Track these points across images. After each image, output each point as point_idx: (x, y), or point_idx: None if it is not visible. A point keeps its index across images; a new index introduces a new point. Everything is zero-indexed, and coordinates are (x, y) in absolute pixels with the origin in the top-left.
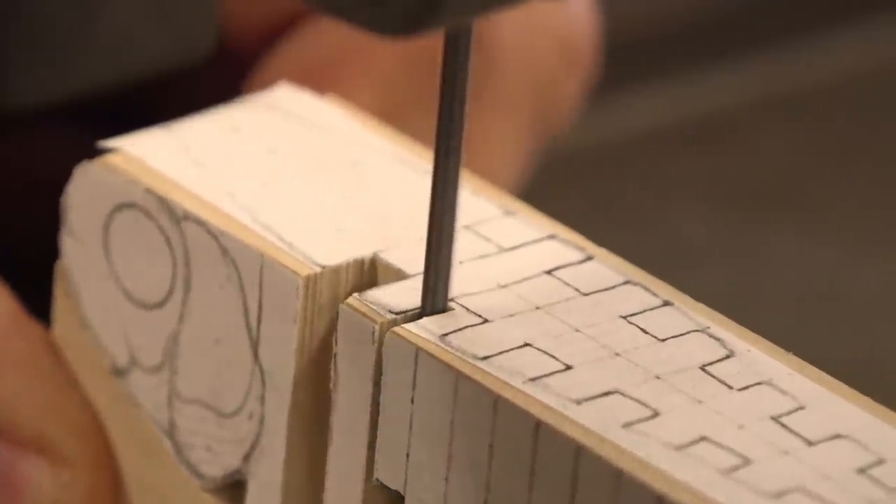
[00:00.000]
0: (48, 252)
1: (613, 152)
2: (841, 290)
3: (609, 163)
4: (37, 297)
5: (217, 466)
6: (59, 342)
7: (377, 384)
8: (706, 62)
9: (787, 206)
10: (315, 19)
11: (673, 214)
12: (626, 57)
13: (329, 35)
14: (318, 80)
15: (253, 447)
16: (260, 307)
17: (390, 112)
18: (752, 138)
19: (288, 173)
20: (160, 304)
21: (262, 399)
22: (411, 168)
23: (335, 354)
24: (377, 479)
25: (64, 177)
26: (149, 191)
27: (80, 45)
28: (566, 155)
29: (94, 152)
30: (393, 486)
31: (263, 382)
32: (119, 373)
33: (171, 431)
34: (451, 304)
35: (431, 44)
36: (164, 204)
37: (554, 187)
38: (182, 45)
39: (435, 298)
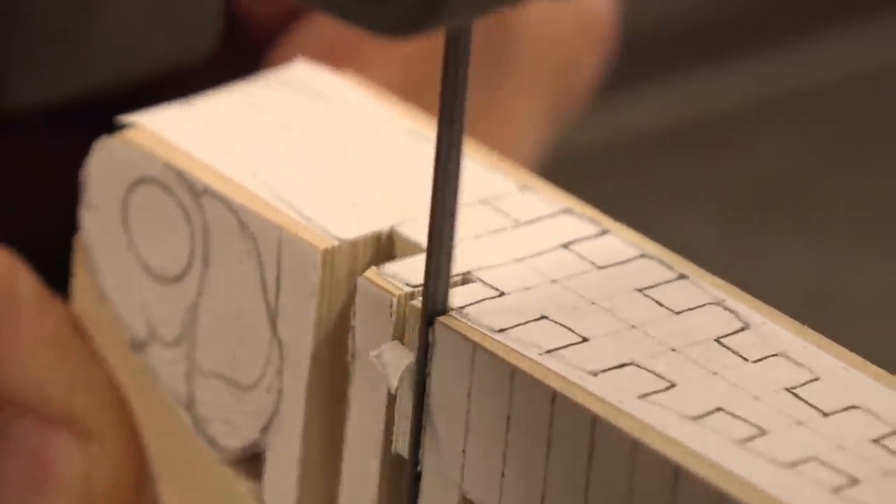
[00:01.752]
0: (50, 250)
1: (614, 153)
2: (841, 291)
3: (609, 163)
4: None
5: (235, 439)
6: (79, 315)
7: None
8: (707, 63)
9: (788, 207)
10: None
11: (673, 215)
12: (627, 58)
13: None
14: (337, 57)
15: (271, 420)
16: (278, 281)
17: (409, 89)
18: (752, 139)
19: (306, 148)
20: (179, 278)
21: (281, 372)
22: (428, 142)
23: (353, 327)
24: (395, 452)
25: (64, 176)
26: (168, 165)
27: (80, 45)
28: (567, 155)
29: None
30: (410, 459)
31: (282, 355)
32: (138, 346)
33: (189, 404)
34: (469, 276)
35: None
36: (183, 178)
37: (555, 187)
38: (182, 45)
39: (436, 296)
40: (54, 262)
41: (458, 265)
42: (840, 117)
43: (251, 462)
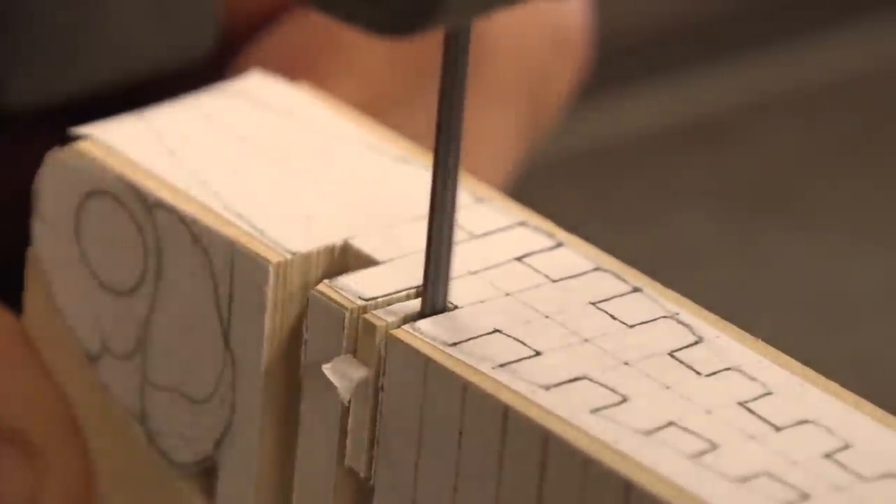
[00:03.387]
0: None
1: (613, 152)
2: (841, 290)
3: (609, 163)
4: None
5: (189, 453)
6: (30, 329)
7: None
8: (706, 62)
9: (788, 206)
10: (301, 10)
11: (673, 214)
12: (626, 57)
13: (312, 26)
14: (298, 69)
15: (224, 433)
16: (231, 294)
17: (371, 104)
18: (752, 138)
19: (259, 160)
20: (132, 291)
21: (234, 386)
22: (382, 155)
23: (305, 341)
24: (348, 466)
25: None
26: (120, 177)
27: (80, 45)
28: (566, 155)
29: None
30: (363, 473)
31: (234, 369)
32: (91, 360)
33: (143, 418)
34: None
35: (422, 40)
36: (136, 191)
37: (554, 187)
38: (182, 45)
39: (435, 296)
40: None
41: (412, 278)
42: (840, 117)
43: (205, 477)
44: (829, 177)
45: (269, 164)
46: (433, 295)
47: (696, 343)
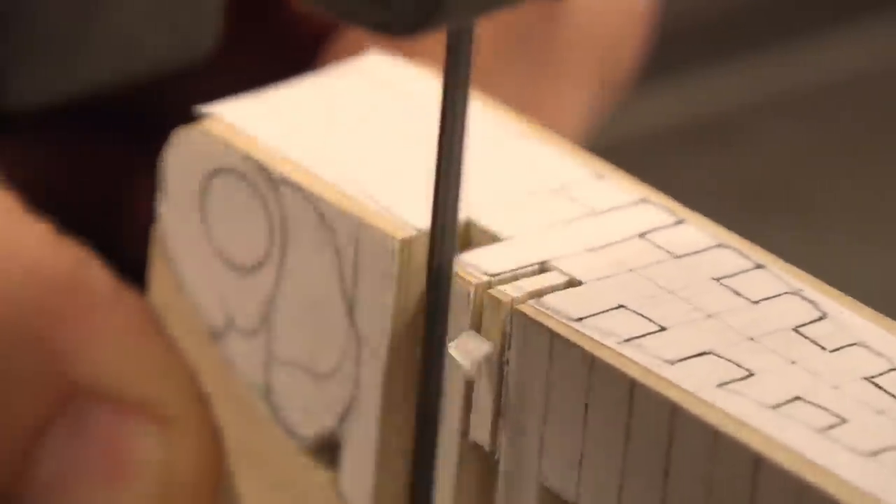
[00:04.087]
0: None
1: (614, 153)
2: (841, 290)
3: (610, 162)
4: None
5: (313, 427)
6: (155, 306)
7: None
8: (706, 62)
9: (788, 206)
10: None
11: None
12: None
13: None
14: (402, 47)
15: (348, 408)
16: (355, 270)
17: (477, 79)
18: (752, 138)
19: (382, 139)
20: (257, 268)
21: (358, 361)
22: (502, 131)
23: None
24: (473, 440)
25: (64, 177)
26: (245, 155)
27: (80, 45)
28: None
29: (96, 152)
30: (488, 447)
31: (359, 345)
32: (215, 335)
33: (267, 394)
34: (546, 265)
35: (512, 12)
36: (261, 168)
37: None
38: (182, 45)
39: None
40: None
41: (535, 254)
42: (841, 117)
43: (329, 451)
44: (829, 177)
45: (391, 142)
46: (438, 267)
47: (820, 319)
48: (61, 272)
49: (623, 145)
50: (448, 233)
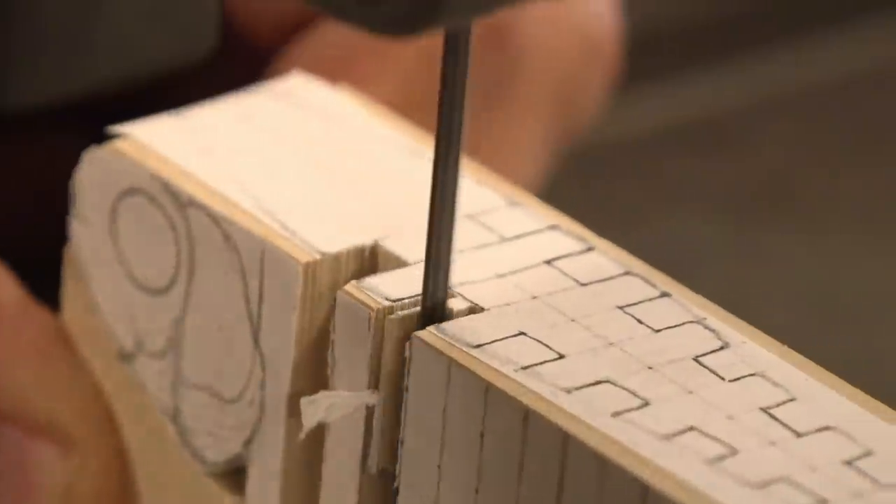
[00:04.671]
0: (49, 250)
1: (614, 153)
2: (841, 291)
3: (610, 164)
4: (38, 294)
5: (220, 451)
6: (68, 326)
7: (373, 371)
8: (705, 63)
9: (788, 207)
10: None
11: (672, 215)
12: (626, 58)
13: (349, 29)
14: (337, 72)
15: (254, 433)
16: (261, 293)
17: (409, 107)
18: (752, 138)
19: (295, 161)
20: (165, 290)
21: (263, 385)
22: (419, 157)
23: (332, 341)
24: (373, 467)
25: (64, 177)
26: (154, 176)
27: (80, 45)
28: (567, 156)
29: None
30: (388, 474)
31: (264, 368)
32: (126, 357)
33: (175, 416)
34: (450, 291)
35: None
36: (170, 189)
37: (555, 188)
38: (182, 45)
39: (435, 294)
40: (55, 263)
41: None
42: (840, 117)
43: (235, 475)
44: (829, 177)
45: (304, 164)
46: (433, 296)
47: (721, 348)
48: None
49: (621, 146)
50: (445, 240)
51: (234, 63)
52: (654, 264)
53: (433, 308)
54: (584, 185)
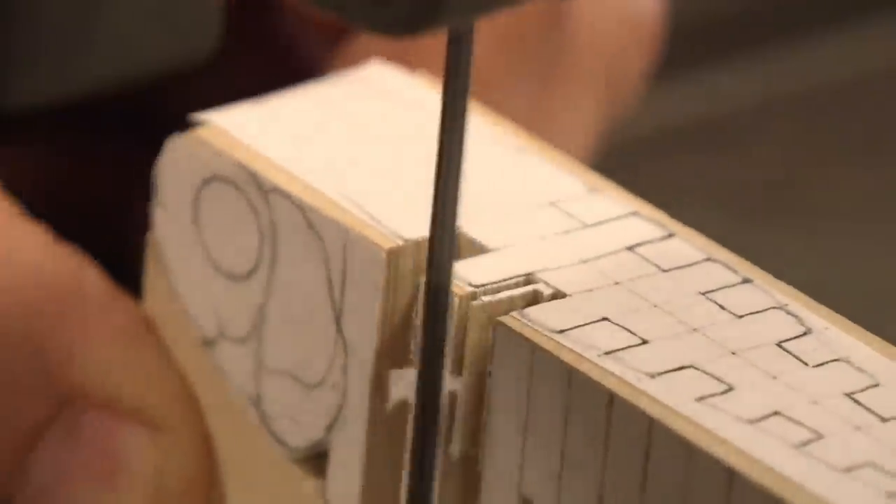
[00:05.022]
0: None
1: (615, 153)
2: (842, 291)
3: (609, 163)
4: None
5: (301, 437)
6: (150, 313)
7: (457, 357)
8: (707, 62)
9: (788, 206)
10: None
11: (673, 215)
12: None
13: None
14: (407, 58)
15: (336, 418)
16: (343, 280)
17: (480, 91)
18: (752, 138)
19: (376, 148)
20: (247, 276)
21: (345, 370)
22: (499, 144)
23: (416, 326)
24: (456, 451)
25: (64, 177)
26: (238, 163)
27: (80, 45)
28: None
29: (96, 152)
30: (471, 457)
31: (346, 354)
32: (207, 343)
33: (257, 402)
34: (532, 277)
35: (521, 24)
36: (253, 176)
37: None
38: (182, 45)
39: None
40: None
41: (522, 266)
42: (841, 118)
43: (317, 460)
44: (829, 177)
45: (386, 152)
46: (438, 273)
47: (804, 334)
48: (58, 277)
49: (623, 146)
50: (448, 237)
51: (237, 64)
52: None
53: (437, 292)
54: None
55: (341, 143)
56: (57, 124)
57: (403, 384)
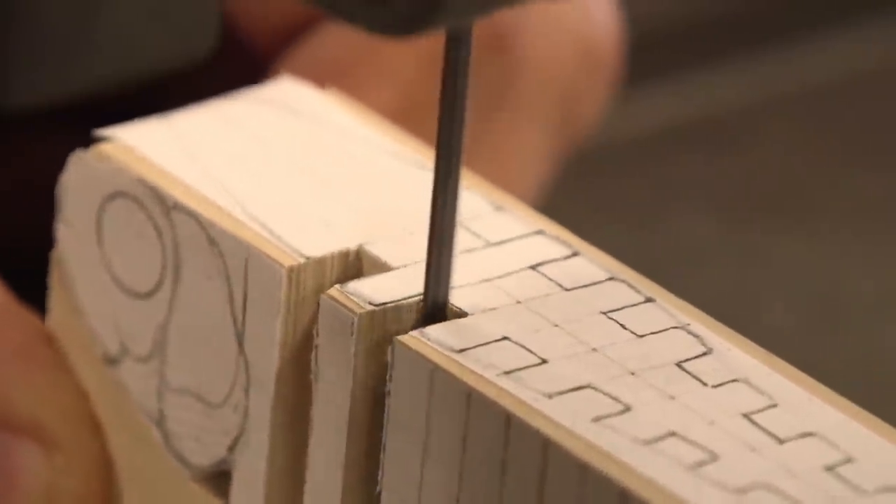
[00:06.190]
0: (48, 250)
1: (616, 153)
2: (842, 291)
3: (611, 163)
4: (37, 295)
5: (204, 456)
6: (54, 330)
7: (357, 376)
8: (706, 62)
9: (788, 206)
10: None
11: (672, 215)
12: (626, 58)
13: (349, 34)
14: (336, 76)
15: (238, 438)
16: (245, 298)
17: (409, 112)
18: (752, 138)
19: (281, 165)
20: (150, 294)
21: (247, 390)
22: (404, 162)
23: (316, 346)
24: (356, 471)
25: None
26: (140, 180)
27: (80, 45)
28: (567, 156)
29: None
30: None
31: (248, 374)
32: (110, 361)
33: (159, 420)
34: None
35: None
36: (155, 193)
37: (557, 188)
38: (182, 45)
39: (436, 298)
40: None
41: (423, 284)
42: (841, 117)
43: (219, 479)
44: (829, 177)
45: (289, 169)
46: (434, 297)
47: (704, 354)
48: None
49: (621, 146)
50: (448, 237)
51: (234, 64)
52: (654, 264)
53: (434, 310)
54: (583, 185)
55: (246, 159)
56: (57, 124)
57: None
